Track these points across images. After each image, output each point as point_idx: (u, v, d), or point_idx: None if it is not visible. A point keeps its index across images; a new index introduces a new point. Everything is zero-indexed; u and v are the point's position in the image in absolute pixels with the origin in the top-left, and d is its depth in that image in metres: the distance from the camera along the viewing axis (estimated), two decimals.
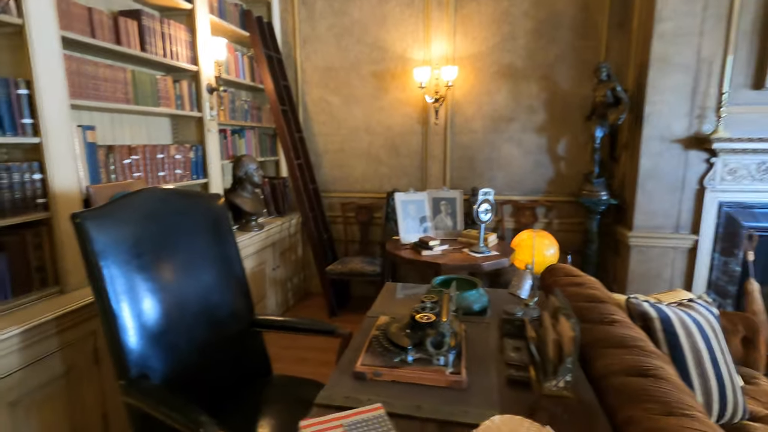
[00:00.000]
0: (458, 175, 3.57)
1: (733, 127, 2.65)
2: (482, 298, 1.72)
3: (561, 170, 3.41)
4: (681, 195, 2.81)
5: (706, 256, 2.82)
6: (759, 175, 2.67)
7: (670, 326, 1.50)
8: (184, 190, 1.73)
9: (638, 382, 1.08)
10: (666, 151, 2.78)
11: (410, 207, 2.78)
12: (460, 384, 1.16)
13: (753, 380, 1.81)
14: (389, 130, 3.66)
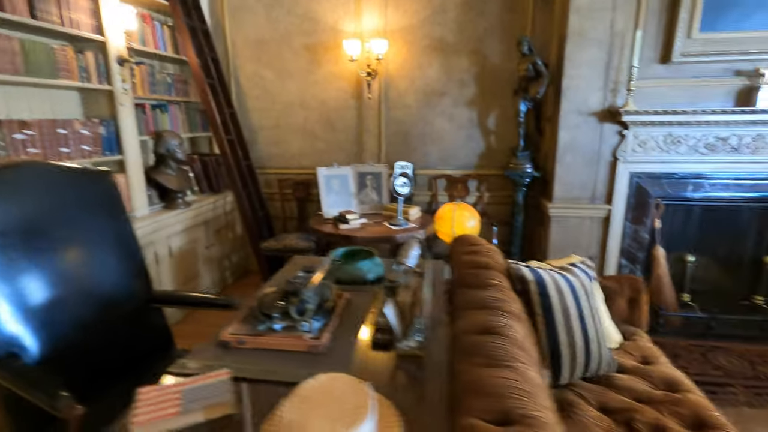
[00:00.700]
0: (394, 150, 3.59)
1: (643, 100, 2.75)
2: (377, 267, 1.76)
3: (491, 144, 3.48)
4: (597, 167, 2.93)
5: (618, 225, 2.98)
6: (666, 147, 2.81)
7: (544, 288, 1.59)
8: (69, 166, 1.67)
9: (479, 339, 1.15)
10: (583, 124, 2.87)
11: (334, 182, 2.79)
12: (320, 348, 1.20)
13: (633, 337, 1.96)
14: (324, 105, 3.62)
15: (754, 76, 2.63)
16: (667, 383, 1.62)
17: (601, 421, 1.42)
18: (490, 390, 0.93)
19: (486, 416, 0.85)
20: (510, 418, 0.85)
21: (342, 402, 0.84)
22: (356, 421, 0.79)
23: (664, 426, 1.39)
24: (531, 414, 0.86)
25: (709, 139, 2.75)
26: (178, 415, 0.91)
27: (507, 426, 0.83)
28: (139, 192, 2.77)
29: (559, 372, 1.55)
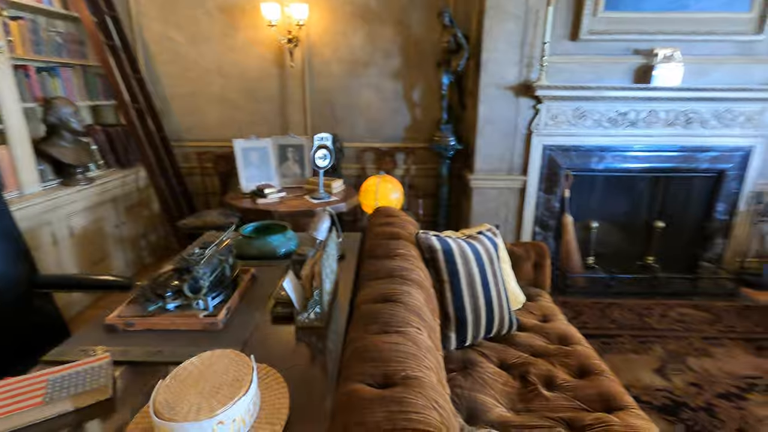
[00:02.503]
0: (320, 122, 3.49)
1: (555, 75, 2.89)
2: (289, 242, 1.73)
3: (417, 117, 3.51)
4: (513, 140, 3.06)
5: (533, 195, 3.16)
6: (574, 121, 2.99)
7: (450, 256, 1.65)
8: None
9: (376, 307, 1.17)
10: (501, 98, 2.97)
11: (252, 155, 2.67)
12: (215, 326, 1.16)
13: (537, 297, 2.11)
14: (244, 73, 3.41)
15: (650, 56, 2.85)
16: (560, 338, 1.77)
17: (500, 377, 1.53)
18: (375, 355, 0.95)
19: (368, 380, 0.88)
20: (392, 380, 0.88)
21: (220, 378, 0.82)
22: (233, 395, 0.77)
23: (554, 376, 1.53)
24: (413, 375, 0.90)
25: (611, 113, 2.96)
26: (42, 406, 0.84)
27: (387, 388, 0.86)
28: (26, 166, 2.47)
29: (465, 334, 1.64)
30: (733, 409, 1.94)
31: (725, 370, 2.22)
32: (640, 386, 2.09)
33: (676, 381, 2.13)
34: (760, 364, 2.27)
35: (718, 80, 2.89)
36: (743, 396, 2.03)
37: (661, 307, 2.87)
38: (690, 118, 2.97)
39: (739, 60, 2.88)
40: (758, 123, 2.97)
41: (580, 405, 1.41)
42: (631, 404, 1.40)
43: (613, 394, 1.44)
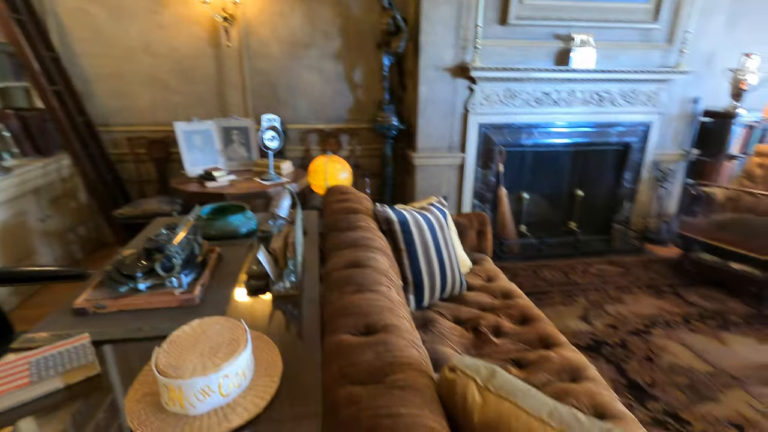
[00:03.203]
0: (261, 104, 3.43)
1: (487, 58, 3.10)
2: (249, 221, 1.75)
3: (359, 98, 3.57)
4: (452, 119, 3.24)
5: (471, 171, 3.39)
6: (505, 100, 3.24)
7: (406, 226, 1.78)
8: None
9: (348, 271, 1.27)
10: (439, 79, 3.12)
11: (195, 138, 2.59)
12: (192, 301, 1.19)
13: (481, 261, 2.33)
14: (176, 53, 3.24)
15: (568, 40, 3.15)
16: (504, 294, 1.99)
17: (455, 330, 1.71)
18: (356, 310, 1.06)
19: (353, 331, 0.98)
20: (374, 328, 0.99)
21: (217, 340, 0.87)
22: (233, 353, 0.83)
23: (501, 325, 1.74)
24: (391, 323, 1.02)
25: (537, 93, 3.25)
26: (29, 386, 0.84)
27: (371, 335, 0.97)
28: None
29: (422, 296, 1.79)
30: (641, 342, 2.32)
31: (634, 312, 2.62)
32: (569, 332, 2.40)
33: (597, 324, 2.48)
34: (660, 305, 2.71)
35: (624, 63, 3.27)
36: (648, 331, 2.42)
37: (582, 264, 3.27)
38: (602, 97, 3.35)
39: (641, 45, 3.28)
40: (656, 101, 3.43)
41: (524, 346, 1.63)
42: (565, 342, 1.64)
43: (550, 335, 1.67)
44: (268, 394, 0.85)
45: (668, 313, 2.61)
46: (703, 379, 2.04)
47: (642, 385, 1.99)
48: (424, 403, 0.77)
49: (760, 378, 2.06)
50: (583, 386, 1.39)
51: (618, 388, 1.96)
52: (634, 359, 2.18)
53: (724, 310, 2.65)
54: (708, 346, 2.29)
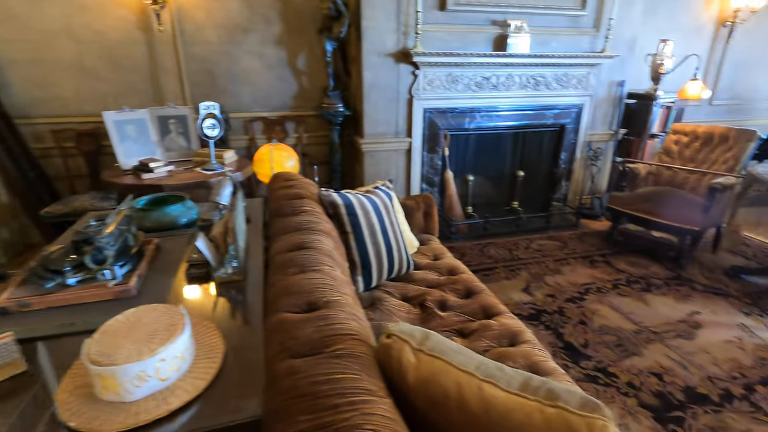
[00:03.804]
0: (199, 92, 3.29)
1: (428, 43, 3.16)
2: (190, 211, 1.71)
3: (304, 84, 3.52)
4: (397, 104, 3.28)
5: (418, 155, 3.47)
6: (448, 85, 3.32)
7: (352, 209, 1.81)
8: None
9: (291, 254, 1.28)
10: (382, 65, 3.15)
11: (128, 128, 2.45)
12: (129, 292, 1.15)
13: (428, 241, 2.40)
14: (103, 37, 3.02)
15: (505, 26, 3.27)
16: (449, 270, 2.08)
17: (403, 307, 1.77)
18: (298, 289, 1.07)
19: (294, 309, 1.00)
20: (315, 305, 1.02)
21: (153, 326, 0.86)
22: (170, 337, 0.83)
23: (446, 300, 1.82)
24: (333, 299, 1.04)
25: (478, 78, 3.36)
26: None
27: (312, 312, 0.99)
28: None
29: (370, 277, 1.83)
30: (576, 308, 2.51)
31: (570, 281, 2.82)
32: (512, 304, 2.55)
33: (538, 295, 2.65)
34: (593, 273, 2.93)
35: (556, 48, 3.45)
36: (582, 298, 2.62)
37: (525, 241, 3.45)
38: (538, 81, 3.52)
39: (571, 32, 3.48)
40: (586, 85, 3.65)
41: (468, 317, 1.72)
42: (505, 311, 1.75)
43: (491, 305, 1.78)
44: (210, 375, 0.85)
45: (600, 280, 2.84)
46: (629, 337, 2.25)
47: (576, 347, 2.16)
48: (361, 368, 0.81)
49: (677, 332, 2.30)
50: (519, 349, 1.50)
51: (555, 351, 2.12)
52: (570, 324, 2.35)
53: (647, 274, 2.92)
54: (634, 308, 2.52)
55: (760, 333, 2.30)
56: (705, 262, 3.08)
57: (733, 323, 2.38)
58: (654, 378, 1.95)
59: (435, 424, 0.79)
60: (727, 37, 4.46)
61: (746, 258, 3.19)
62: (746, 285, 2.79)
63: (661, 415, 1.75)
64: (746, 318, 2.43)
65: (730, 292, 2.70)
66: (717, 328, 2.33)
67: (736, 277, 2.87)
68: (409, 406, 0.80)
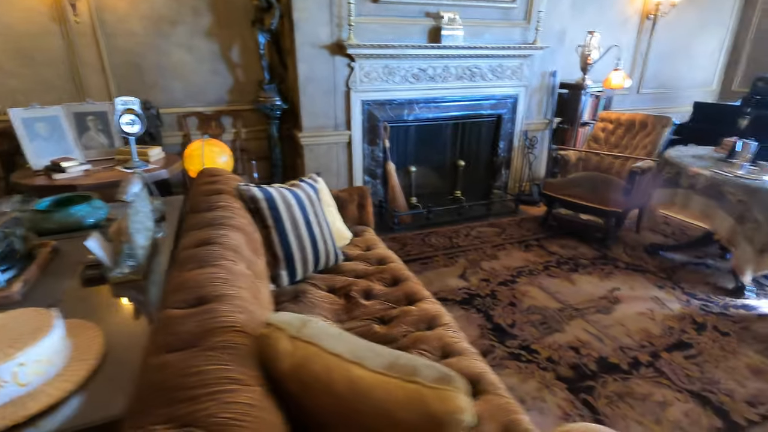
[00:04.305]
0: (127, 87, 3.14)
1: (363, 35, 3.15)
2: (98, 211, 1.64)
3: (239, 78, 3.44)
4: (334, 97, 3.27)
5: (359, 148, 3.47)
6: (385, 77, 3.34)
7: (273, 203, 1.79)
8: None
9: (194, 250, 1.25)
10: (318, 57, 3.12)
11: (39, 126, 2.31)
12: (11, 298, 1.10)
13: (362, 233, 2.42)
14: (10, 29, 2.82)
15: (438, 18, 3.32)
16: (379, 260, 2.11)
17: (327, 298, 1.79)
18: (191, 284, 1.06)
19: (182, 305, 0.98)
20: (206, 300, 1.00)
21: (19, 331, 0.83)
22: (33, 340, 0.80)
23: (371, 289, 1.85)
24: (225, 293, 1.04)
25: (414, 70, 3.40)
26: None
27: (199, 306, 0.98)
28: None
29: (295, 270, 1.83)
30: (507, 290, 2.62)
31: (505, 265, 2.94)
32: (448, 289, 2.63)
33: (473, 280, 2.74)
34: (527, 257, 3.06)
35: (489, 40, 3.54)
36: (515, 281, 2.73)
37: (466, 229, 3.55)
38: (474, 73, 3.60)
39: (503, 24, 3.57)
40: (520, 75, 3.77)
41: (391, 305, 1.75)
42: (428, 296, 1.80)
43: (414, 292, 1.82)
44: (80, 377, 0.83)
45: (533, 263, 2.97)
46: (553, 315, 2.37)
47: (504, 327, 2.26)
48: (234, 359, 0.81)
49: (597, 307, 2.45)
50: (436, 332, 1.55)
51: (484, 333, 2.21)
52: (500, 306, 2.45)
53: (576, 255, 3.08)
54: (560, 287, 2.66)
55: (671, 304, 2.49)
56: (629, 242, 3.29)
57: (648, 296, 2.56)
58: (572, 352, 2.07)
59: (308, 409, 0.81)
60: (651, 30, 4.74)
61: (665, 236, 3.43)
62: (663, 261, 3.00)
63: (574, 385, 1.86)
64: (660, 291, 2.62)
65: (649, 268, 2.90)
66: (633, 302, 2.50)
67: (655, 253, 3.08)
68: (284, 392, 0.82)
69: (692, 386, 1.87)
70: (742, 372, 1.96)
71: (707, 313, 2.40)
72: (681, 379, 1.91)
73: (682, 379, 1.91)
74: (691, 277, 2.79)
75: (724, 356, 2.05)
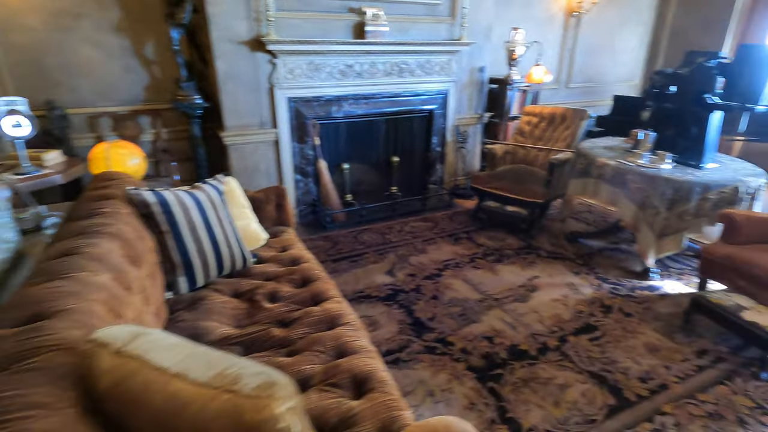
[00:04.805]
0: (26, 85, 2.90)
1: (284, 30, 3.08)
2: None
3: (156, 75, 3.27)
4: (258, 94, 3.18)
5: (287, 146, 3.40)
6: (310, 73, 3.28)
7: (167, 208, 1.70)
8: None
9: (52, 262, 1.16)
10: (237, 53, 3.01)
11: None
12: None
13: (281, 233, 2.37)
14: None
15: (362, 14, 3.29)
16: (292, 261, 2.07)
17: (229, 303, 1.73)
18: (30, 300, 0.98)
19: (9, 323, 0.90)
20: (42, 316, 0.93)
21: None
22: None
23: (278, 291, 1.80)
24: (67, 308, 0.97)
25: (341, 66, 3.36)
26: None
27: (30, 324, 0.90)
28: None
29: (194, 276, 1.76)
30: (432, 284, 2.65)
31: (433, 259, 2.97)
32: (374, 286, 2.62)
33: (399, 276, 2.75)
34: (456, 250, 3.12)
35: (416, 36, 3.56)
36: (440, 274, 2.77)
37: (400, 224, 3.57)
38: (402, 69, 3.61)
39: (429, 20, 3.60)
40: (449, 71, 3.82)
41: (296, 307, 1.72)
42: (334, 296, 1.78)
43: (322, 292, 1.80)
44: None
45: (460, 256, 3.02)
46: (473, 306, 2.43)
47: (424, 321, 2.28)
48: (49, 380, 0.75)
49: (515, 296, 2.53)
50: (334, 332, 1.53)
51: (403, 328, 2.22)
52: (423, 300, 2.48)
53: (503, 246, 3.17)
54: (483, 279, 2.72)
55: (583, 290, 2.61)
56: (553, 231, 3.42)
57: (564, 283, 2.68)
58: (485, 342, 2.12)
59: (129, 429, 0.76)
60: (576, 26, 4.95)
61: (588, 223, 3.60)
62: (581, 248, 3.15)
63: (483, 374, 1.91)
64: (575, 277, 2.75)
65: (568, 256, 3.03)
66: (549, 289, 2.60)
67: (575, 241, 3.23)
68: (105, 412, 0.77)
69: (592, 367, 1.96)
70: (639, 350, 2.08)
71: (615, 296, 2.54)
72: (583, 360, 2.00)
73: (584, 361, 2.00)
74: (605, 262, 2.94)
75: (624, 336, 2.17)
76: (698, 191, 2.41)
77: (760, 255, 2.11)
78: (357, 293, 2.54)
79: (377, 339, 2.13)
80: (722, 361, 2.01)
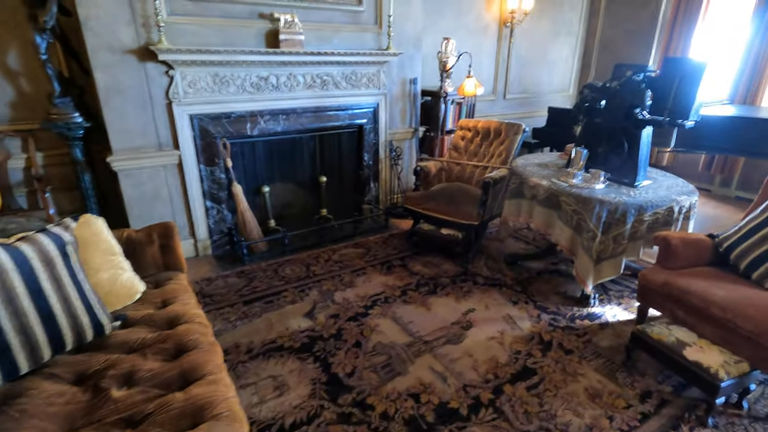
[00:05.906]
0: None
1: (179, 38, 2.67)
2: None
3: (24, 90, 2.73)
4: (153, 111, 2.73)
5: (193, 169, 2.96)
6: (216, 87, 2.88)
7: None
8: None
9: None
10: (121, 64, 2.56)
11: None
12: None
13: (166, 281, 1.94)
14: None
15: (274, 20, 2.94)
16: (169, 322, 1.67)
17: (62, 396, 1.30)
18: None
19: None
20: None
21: None
22: None
23: (136, 371, 1.40)
24: None
25: (253, 78, 2.99)
26: None
27: None
28: None
29: (13, 362, 1.32)
30: (356, 327, 2.32)
31: (360, 294, 2.65)
32: (288, 334, 2.26)
33: (320, 318, 2.40)
34: (387, 281, 2.81)
35: (338, 46, 3.25)
36: (366, 313, 2.45)
37: (328, 252, 3.22)
38: (325, 81, 3.29)
39: (352, 28, 3.31)
40: (377, 83, 3.55)
41: (157, 392, 1.33)
42: (211, 372, 1.41)
43: (198, 366, 1.42)
44: None
45: (391, 288, 2.72)
46: (400, 353, 2.12)
47: (341, 378, 1.94)
48: None
49: (448, 336, 2.26)
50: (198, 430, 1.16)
51: (315, 391, 1.87)
52: (343, 349, 2.14)
53: (438, 273, 2.91)
54: (415, 316, 2.43)
55: (522, 323, 2.38)
56: (492, 253, 3.22)
57: (501, 316, 2.44)
58: (411, 401, 1.82)
59: None
60: (510, 37, 4.87)
61: (527, 242, 3.43)
62: (521, 271, 2.95)
63: None
64: (513, 308, 2.52)
65: (506, 281, 2.82)
66: (485, 325, 2.36)
67: (514, 264, 3.03)
68: None
69: (530, 426, 1.71)
70: (580, 397, 1.86)
71: (555, 329, 2.33)
72: (519, 417, 1.74)
73: (521, 417, 1.75)
74: (544, 288, 2.75)
75: (564, 381, 1.95)
76: (633, 213, 2.25)
77: (696, 282, 1.97)
78: (266, 345, 2.16)
79: (282, 408, 1.77)
80: (667, 404, 1.83)
